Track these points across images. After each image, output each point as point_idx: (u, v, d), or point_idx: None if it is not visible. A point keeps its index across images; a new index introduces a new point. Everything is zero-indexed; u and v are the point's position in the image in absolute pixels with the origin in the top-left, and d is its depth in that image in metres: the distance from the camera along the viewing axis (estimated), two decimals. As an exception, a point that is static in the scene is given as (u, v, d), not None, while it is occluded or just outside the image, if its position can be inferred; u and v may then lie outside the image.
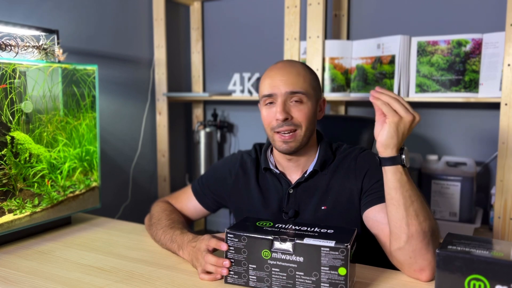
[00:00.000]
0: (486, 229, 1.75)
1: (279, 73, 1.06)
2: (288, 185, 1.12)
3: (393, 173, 0.89)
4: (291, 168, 1.13)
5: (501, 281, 0.70)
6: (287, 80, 1.05)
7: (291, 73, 1.06)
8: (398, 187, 0.89)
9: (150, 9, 2.15)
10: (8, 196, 1.15)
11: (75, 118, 1.33)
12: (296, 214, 1.11)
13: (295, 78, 1.05)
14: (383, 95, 0.89)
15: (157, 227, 1.15)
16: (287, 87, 1.04)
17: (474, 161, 1.74)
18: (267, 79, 1.07)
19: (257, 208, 1.15)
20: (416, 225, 0.87)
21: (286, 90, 1.04)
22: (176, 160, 2.39)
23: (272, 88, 1.05)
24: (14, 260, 1.06)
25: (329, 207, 1.09)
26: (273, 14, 2.19)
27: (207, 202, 1.25)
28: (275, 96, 1.05)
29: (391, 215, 0.90)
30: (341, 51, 1.84)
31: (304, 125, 1.05)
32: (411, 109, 0.89)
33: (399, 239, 0.89)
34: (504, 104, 1.50)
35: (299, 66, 1.09)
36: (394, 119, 0.87)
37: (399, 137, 0.88)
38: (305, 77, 1.07)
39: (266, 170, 1.16)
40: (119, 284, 0.93)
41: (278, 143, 1.07)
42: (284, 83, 1.04)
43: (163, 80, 2.16)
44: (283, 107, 1.04)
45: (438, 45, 1.68)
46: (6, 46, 1.15)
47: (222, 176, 1.23)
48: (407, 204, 0.88)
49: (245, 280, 0.90)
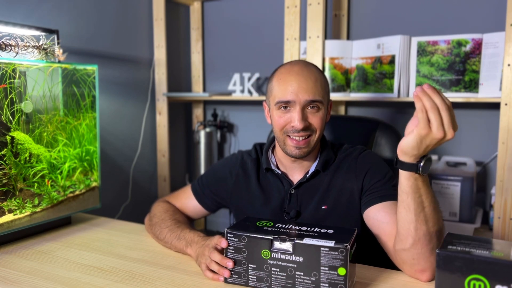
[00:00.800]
0: (486, 229, 1.75)
1: (298, 80, 1.03)
2: (290, 186, 1.12)
3: (406, 178, 0.85)
4: (295, 169, 1.13)
5: (501, 281, 0.70)
6: (307, 88, 1.02)
7: (310, 80, 1.03)
8: (410, 192, 0.85)
9: (150, 9, 2.15)
10: (8, 196, 1.15)
11: (75, 118, 1.33)
12: (298, 214, 1.11)
13: (314, 86, 1.03)
14: (426, 97, 0.78)
15: (161, 226, 1.15)
16: (307, 95, 1.02)
17: (474, 161, 1.74)
18: (284, 84, 1.04)
19: (258, 208, 1.15)
20: (424, 230, 0.86)
21: (306, 99, 1.02)
22: (176, 160, 2.39)
23: (291, 95, 1.02)
24: (14, 260, 1.06)
25: (329, 206, 1.09)
26: (273, 14, 2.19)
27: (206, 202, 1.25)
28: (293, 104, 1.03)
29: (401, 217, 0.88)
30: (341, 51, 1.84)
31: (319, 130, 1.06)
32: (448, 124, 0.78)
33: (405, 241, 0.88)
34: (504, 104, 1.50)
35: (316, 71, 1.07)
36: (421, 132, 0.78)
37: (420, 149, 0.81)
38: (321, 84, 1.05)
39: (267, 171, 1.15)
40: (119, 284, 0.93)
41: (290, 148, 1.05)
42: (304, 91, 1.02)
43: (163, 80, 2.16)
44: (302, 116, 1.02)
45: (438, 45, 1.68)
46: (6, 46, 1.15)
47: (222, 176, 1.23)
48: (417, 210, 0.85)
49: (245, 280, 0.90)
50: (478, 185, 1.85)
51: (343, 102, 2.04)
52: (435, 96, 0.78)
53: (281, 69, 1.08)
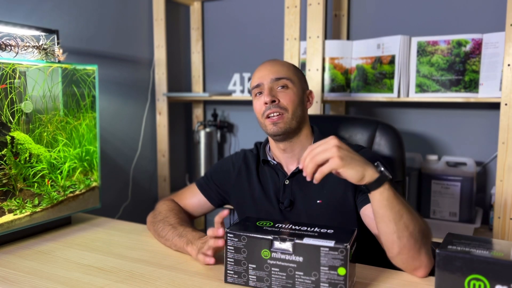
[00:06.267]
0: (486, 229, 1.75)
1: (265, 66, 1.16)
2: (284, 176, 1.16)
3: (380, 194, 0.87)
4: (287, 159, 1.17)
5: (501, 281, 0.70)
6: (271, 69, 1.13)
7: (276, 63, 1.15)
8: (387, 204, 0.87)
9: (150, 9, 2.15)
10: (8, 196, 1.15)
11: (75, 118, 1.33)
12: (291, 203, 1.14)
13: (279, 67, 1.14)
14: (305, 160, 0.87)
15: (165, 223, 1.16)
16: (272, 74, 1.12)
17: (474, 161, 1.74)
18: (255, 73, 1.17)
19: (258, 200, 1.19)
20: (407, 235, 0.87)
21: (271, 77, 1.12)
22: (176, 160, 2.39)
23: (259, 79, 1.13)
24: (14, 260, 1.06)
25: (324, 201, 1.11)
26: (273, 14, 2.19)
27: (211, 195, 1.28)
28: (262, 86, 1.13)
29: (382, 231, 0.90)
30: (341, 51, 1.84)
31: (291, 108, 1.11)
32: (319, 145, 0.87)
33: (392, 250, 0.90)
34: (504, 104, 1.50)
35: (283, 61, 1.19)
36: (332, 163, 0.84)
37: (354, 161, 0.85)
38: (288, 67, 1.15)
39: (264, 163, 1.20)
40: (119, 284, 0.93)
41: (268, 127, 1.12)
42: (269, 71, 1.13)
43: (163, 80, 2.16)
44: (269, 91, 1.11)
45: (438, 45, 1.68)
46: (6, 46, 1.15)
47: (226, 169, 1.27)
48: (396, 219, 0.87)
49: (244, 279, 0.90)
50: (478, 185, 1.85)
51: (343, 102, 2.04)
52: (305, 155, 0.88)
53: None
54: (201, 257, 1.00)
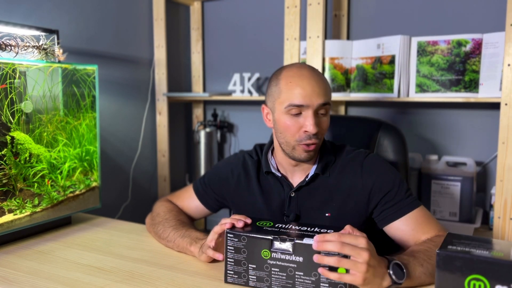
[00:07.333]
0: (486, 229, 1.75)
1: (311, 84, 1.01)
2: (290, 188, 1.11)
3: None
4: (295, 172, 1.12)
5: (501, 281, 0.70)
6: (318, 90, 1.01)
7: (320, 81, 1.02)
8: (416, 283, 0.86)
9: (150, 9, 2.15)
10: (8, 196, 1.15)
11: (75, 118, 1.33)
12: (297, 217, 1.11)
13: (324, 87, 1.02)
14: (325, 243, 0.80)
15: (165, 225, 1.15)
16: (319, 98, 1.01)
17: (474, 161, 1.74)
18: (297, 88, 1.01)
19: (258, 209, 1.15)
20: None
21: (318, 102, 1.01)
22: (176, 160, 2.39)
23: (305, 99, 1.00)
24: (14, 260, 1.06)
25: (333, 214, 1.08)
26: (273, 14, 2.19)
27: (208, 202, 1.25)
28: (306, 107, 1.01)
29: None
30: (341, 51, 1.84)
31: (323, 135, 1.07)
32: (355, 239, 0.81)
33: None
34: (504, 104, 1.50)
35: (322, 75, 1.07)
36: (353, 278, 0.79)
37: (375, 279, 0.81)
38: (327, 85, 1.05)
39: (268, 174, 1.14)
40: (119, 284, 0.93)
41: (300, 153, 1.04)
42: (317, 94, 1.00)
43: (163, 80, 2.16)
44: (316, 121, 1.01)
45: (438, 45, 1.68)
46: (6, 46, 1.15)
47: (224, 176, 1.22)
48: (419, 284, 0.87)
49: (245, 280, 0.90)
50: (478, 185, 1.85)
51: (343, 102, 2.04)
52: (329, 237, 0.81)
53: (288, 72, 1.05)
54: (204, 257, 1.01)
